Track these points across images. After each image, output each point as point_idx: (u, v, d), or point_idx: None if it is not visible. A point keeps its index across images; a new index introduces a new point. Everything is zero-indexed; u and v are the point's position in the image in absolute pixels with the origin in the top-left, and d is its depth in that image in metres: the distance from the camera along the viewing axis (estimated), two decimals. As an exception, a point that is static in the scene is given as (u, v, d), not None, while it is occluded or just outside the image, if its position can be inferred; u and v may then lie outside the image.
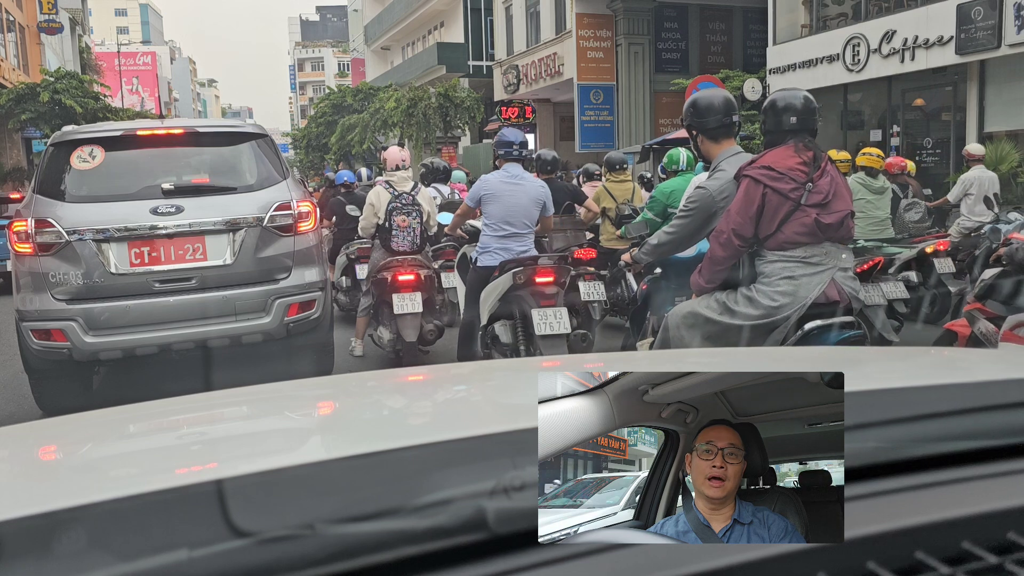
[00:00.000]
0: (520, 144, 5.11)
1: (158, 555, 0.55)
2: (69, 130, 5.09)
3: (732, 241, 3.12)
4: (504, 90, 26.67)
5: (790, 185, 3.07)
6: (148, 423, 1.13)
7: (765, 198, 3.07)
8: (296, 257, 4.94)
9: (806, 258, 3.09)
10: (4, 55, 26.65)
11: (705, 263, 3.27)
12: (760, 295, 3.10)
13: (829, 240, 3.12)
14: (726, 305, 3.17)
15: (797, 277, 3.07)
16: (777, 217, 3.07)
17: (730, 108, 3.46)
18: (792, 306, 3.06)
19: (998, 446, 0.75)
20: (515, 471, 0.63)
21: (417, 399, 1.21)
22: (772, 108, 3.26)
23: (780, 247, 3.10)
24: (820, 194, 3.09)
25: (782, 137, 3.21)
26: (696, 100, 3.52)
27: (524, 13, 25.96)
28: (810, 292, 3.06)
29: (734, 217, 3.12)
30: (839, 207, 3.13)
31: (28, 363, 4.90)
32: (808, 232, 3.08)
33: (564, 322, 4.55)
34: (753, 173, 3.11)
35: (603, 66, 22.14)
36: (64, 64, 30.35)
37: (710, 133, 3.46)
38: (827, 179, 3.12)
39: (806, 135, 3.21)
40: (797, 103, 3.22)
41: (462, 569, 0.58)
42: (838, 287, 3.11)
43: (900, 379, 1.12)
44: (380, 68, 41.43)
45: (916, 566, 0.61)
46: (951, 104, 13.77)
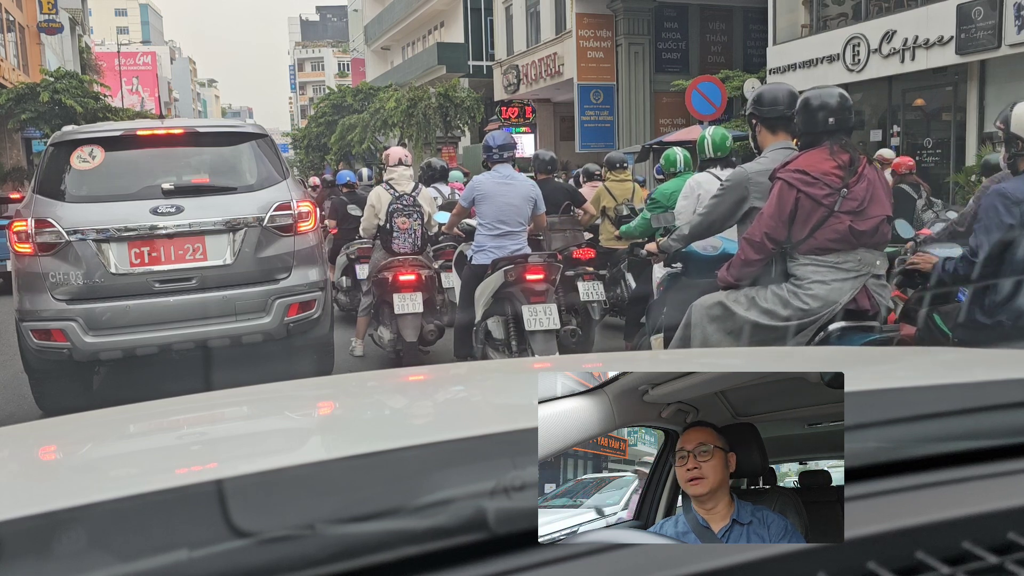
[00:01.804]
0: (500, 147, 5.22)
1: (158, 555, 0.55)
2: (69, 130, 5.09)
3: (765, 244, 3.08)
4: (504, 90, 26.68)
5: (824, 191, 3.00)
6: (148, 423, 1.13)
7: (798, 203, 3.01)
8: (296, 257, 4.94)
9: (839, 263, 3.03)
10: (4, 55, 26.65)
11: (735, 262, 3.22)
12: (792, 296, 3.05)
13: (864, 246, 3.05)
14: (755, 301, 3.11)
15: (829, 282, 3.01)
16: (810, 223, 3.01)
17: (793, 102, 3.37)
18: (822, 310, 3.01)
19: (998, 446, 0.75)
20: (515, 471, 0.63)
21: (417, 399, 1.21)
22: (806, 107, 3.17)
23: (812, 252, 3.04)
24: (855, 200, 3.01)
25: (818, 138, 3.13)
26: (762, 93, 3.51)
27: (524, 13, 25.96)
28: (841, 298, 3.01)
29: (767, 220, 3.07)
30: (875, 212, 3.05)
31: (28, 363, 4.90)
32: (841, 239, 3.01)
33: (554, 318, 4.60)
34: (787, 176, 3.05)
35: (603, 66, 22.15)
36: (64, 64, 30.35)
37: (770, 124, 3.44)
38: (863, 184, 3.04)
39: (843, 135, 3.13)
40: (832, 102, 3.13)
41: (462, 569, 0.58)
42: (869, 294, 3.06)
43: (900, 379, 1.12)
44: (380, 68, 41.44)
45: (916, 566, 0.61)
46: (951, 104, 13.77)
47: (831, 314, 3.01)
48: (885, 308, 3.15)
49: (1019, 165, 3.20)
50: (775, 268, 3.14)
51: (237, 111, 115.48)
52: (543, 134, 26.81)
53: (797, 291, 3.05)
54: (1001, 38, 11.75)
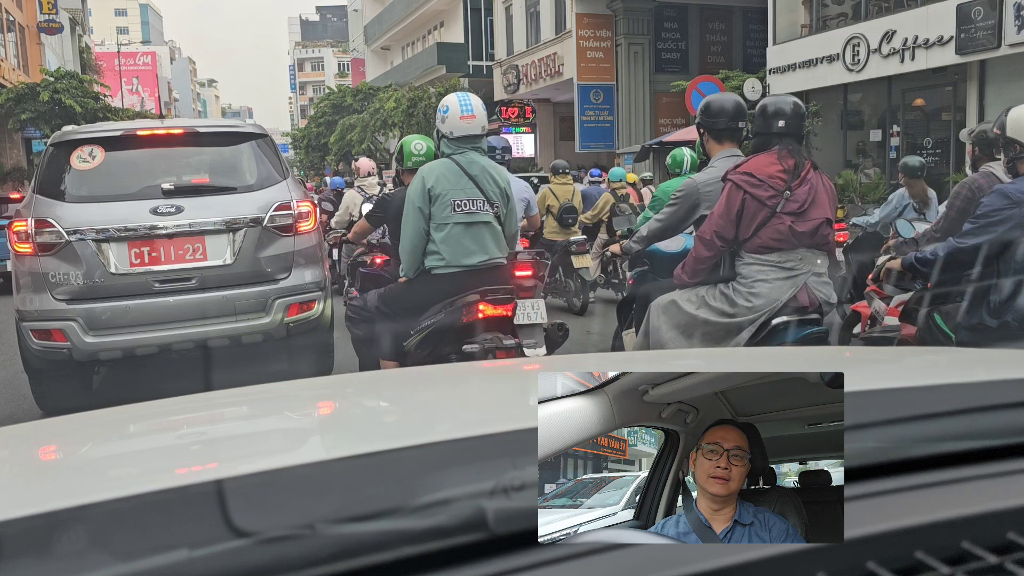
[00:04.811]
0: (503, 149, 5.61)
1: (158, 555, 0.55)
2: (69, 130, 5.09)
3: (714, 242, 3.26)
4: (504, 90, 26.68)
5: (768, 192, 3.19)
6: (148, 423, 1.13)
7: (744, 203, 3.20)
8: (296, 257, 4.94)
9: (781, 263, 3.22)
10: (4, 55, 26.65)
11: (689, 260, 3.40)
12: (737, 295, 3.25)
13: (804, 246, 3.23)
14: (704, 300, 3.31)
15: (771, 281, 3.21)
16: (754, 222, 3.20)
17: (739, 114, 3.61)
18: (765, 307, 3.20)
19: (998, 446, 0.75)
20: (515, 471, 0.63)
21: (417, 399, 1.21)
22: (762, 112, 3.37)
23: (757, 251, 3.23)
24: (796, 203, 3.20)
25: (769, 140, 3.32)
26: (710, 102, 3.69)
27: (524, 13, 25.96)
28: (783, 295, 3.20)
29: (716, 219, 3.26)
30: (816, 215, 3.23)
31: (28, 363, 4.90)
32: (782, 238, 3.20)
33: (541, 312, 4.73)
34: (735, 178, 3.24)
35: (603, 66, 22.15)
36: (64, 64, 30.35)
37: (716, 134, 3.65)
38: (806, 187, 3.23)
39: (792, 141, 3.31)
40: (787, 108, 3.33)
41: (462, 569, 0.58)
42: (810, 292, 3.23)
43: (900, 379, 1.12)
44: (380, 68, 41.43)
45: (916, 566, 0.61)
46: (951, 104, 13.78)
47: (773, 311, 3.20)
48: (827, 304, 3.31)
49: (1018, 168, 3.31)
50: (725, 268, 3.32)
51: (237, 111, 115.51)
52: (543, 134, 26.81)
53: (743, 289, 3.25)
54: (1001, 38, 11.76)
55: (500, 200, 3.90)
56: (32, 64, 29.43)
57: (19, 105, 23.75)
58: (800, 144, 3.38)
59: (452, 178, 3.79)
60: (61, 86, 24.13)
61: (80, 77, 26.32)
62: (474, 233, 3.83)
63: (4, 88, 24.47)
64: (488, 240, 3.87)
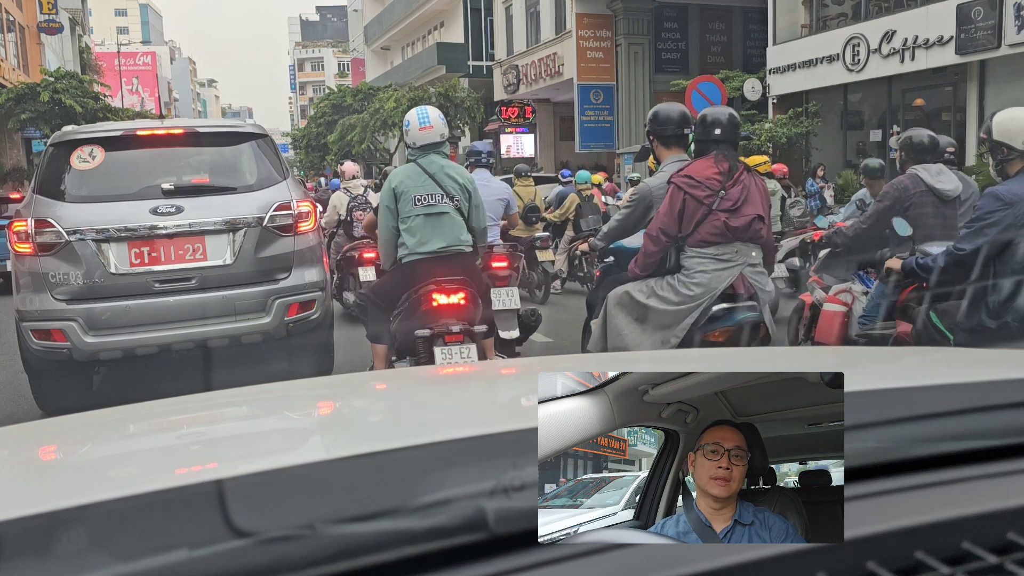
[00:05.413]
0: (487, 153, 6.36)
1: (158, 555, 0.55)
2: (69, 130, 5.09)
3: (660, 238, 3.62)
4: (504, 90, 26.69)
5: (705, 192, 3.55)
6: (148, 423, 1.13)
7: (685, 203, 3.56)
8: (296, 257, 4.94)
9: (718, 255, 3.57)
10: (4, 55, 26.66)
11: (640, 255, 3.75)
12: (680, 285, 3.60)
13: (739, 240, 3.58)
14: (653, 290, 3.66)
15: (710, 271, 3.57)
16: (694, 219, 3.56)
17: (684, 122, 3.94)
18: (704, 296, 3.55)
19: (998, 446, 0.75)
20: (515, 471, 0.63)
21: (417, 399, 1.21)
22: (702, 122, 3.74)
23: (697, 245, 3.59)
24: (730, 201, 3.55)
25: (708, 146, 3.67)
26: (657, 111, 4.04)
27: (524, 13, 25.97)
28: (720, 284, 3.55)
29: (661, 217, 3.62)
30: (748, 211, 3.57)
31: (28, 363, 4.90)
32: (719, 233, 3.55)
33: (515, 299, 5.31)
34: (676, 181, 3.60)
35: (603, 66, 22.16)
36: (64, 64, 30.37)
37: (664, 140, 3.98)
38: (739, 187, 3.58)
39: (727, 147, 3.67)
40: (723, 118, 3.72)
41: (462, 569, 0.58)
42: (745, 281, 3.59)
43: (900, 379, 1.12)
44: (380, 68, 41.45)
45: (916, 566, 0.61)
46: (951, 104, 13.78)
47: (711, 299, 3.55)
48: (762, 291, 3.65)
49: (1007, 170, 3.48)
50: (671, 262, 3.68)
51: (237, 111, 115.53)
52: (543, 134, 26.82)
53: (686, 280, 3.61)
54: (1001, 38, 11.76)
55: (460, 195, 4.30)
56: (32, 64, 29.43)
57: (19, 105, 23.77)
58: (735, 150, 3.75)
59: (414, 177, 4.26)
60: (61, 86, 24.15)
61: (80, 77, 26.34)
62: (434, 223, 4.24)
63: (4, 88, 24.48)
64: (447, 229, 4.27)
